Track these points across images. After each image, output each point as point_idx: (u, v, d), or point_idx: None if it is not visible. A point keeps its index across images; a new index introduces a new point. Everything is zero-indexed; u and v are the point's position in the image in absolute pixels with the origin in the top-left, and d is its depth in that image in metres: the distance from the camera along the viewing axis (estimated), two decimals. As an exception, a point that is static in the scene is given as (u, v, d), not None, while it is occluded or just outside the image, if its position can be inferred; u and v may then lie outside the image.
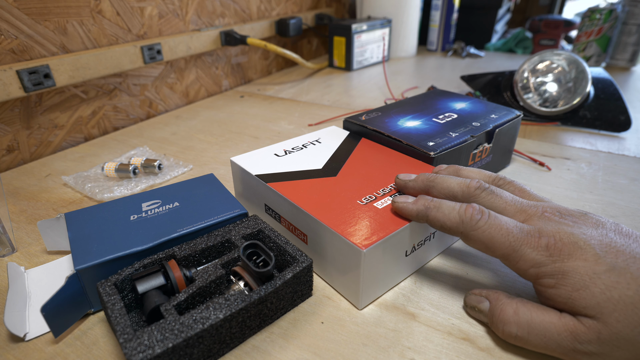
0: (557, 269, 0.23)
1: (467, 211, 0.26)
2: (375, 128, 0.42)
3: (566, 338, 0.22)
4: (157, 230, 0.30)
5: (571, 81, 0.59)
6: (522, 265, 0.24)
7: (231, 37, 0.77)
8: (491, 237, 0.25)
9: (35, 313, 0.29)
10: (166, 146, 0.57)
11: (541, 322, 0.23)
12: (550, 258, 0.23)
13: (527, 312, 0.24)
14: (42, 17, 0.52)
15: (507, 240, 0.24)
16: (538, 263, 0.23)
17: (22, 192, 0.45)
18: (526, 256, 0.24)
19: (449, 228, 0.26)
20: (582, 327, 0.22)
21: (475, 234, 0.25)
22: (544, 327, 0.23)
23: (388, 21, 0.98)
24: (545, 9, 2.25)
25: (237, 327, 0.25)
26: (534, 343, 0.24)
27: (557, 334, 0.22)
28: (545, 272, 0.23)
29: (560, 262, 0.23)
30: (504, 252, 0.24)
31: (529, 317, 0.24)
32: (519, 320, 0.24)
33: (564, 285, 0.22)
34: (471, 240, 0.26)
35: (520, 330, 0.24)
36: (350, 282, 0.28)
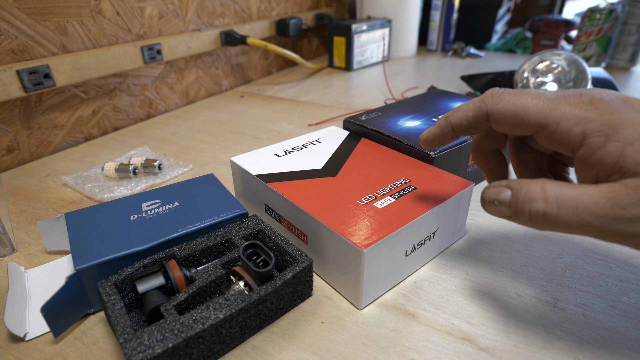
0: (606, 122, 0.19)
1: (486, 93, 0.24)
2: (375, 128, 0.42)
3: (604, 205, 0.19)
4: (157, 230, 0.30)
5: (571, 81, 0.59)
6: (564, 125, 0.20)
7: (231, 37, 0.77)
8: (521, 104, 0.22)
9: (35, 313, 0.29)
10: (166, 146, 0.57)
11: (572, 193, 0.20)
12: (597, 111, 0.20)
13: (555, 187, 0.21)
14: (42, 17, 0.52)
15: (541, 102, 0.21)
16: (584, 118, 0.20)
17: (22, 192, 0.45)
18: (568, 113, 0.20)
19: (472, 117, 0.24)
20: (625, 188, 0.19)
21: (502, 105, 0.22)
22: (577, 198, 0.20)
23: (388, 21, 0.98)
24: (545, 9, 2.25)
25: (237, 327, 0.25)
26: (565, 219, 0.20)
27: (593, 203, 0.19)
28: (592, 128, 0.20)
29: (610, 115, 0.20)
30: (540, 116, 0.21)
31: (557, 191, 0.21)
32: (546, 196, 0.21)
33: (615, 141, 0.19)
34: (499, 116, 0.23)
35: (549, 205, 0.20)
36: (350, 282, 0.28)
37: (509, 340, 0.26)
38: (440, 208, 0.31)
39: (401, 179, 0.34)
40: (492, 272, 0.32)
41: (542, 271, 0.32)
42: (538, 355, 0.25)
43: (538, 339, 0.26)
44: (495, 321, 0.27)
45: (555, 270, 0.32)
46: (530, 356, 0.25)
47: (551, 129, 0.21)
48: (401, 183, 0.33)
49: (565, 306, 0.28)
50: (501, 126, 0.23)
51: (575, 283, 0.30)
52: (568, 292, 0.30)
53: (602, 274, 0.31)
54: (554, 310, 0.28)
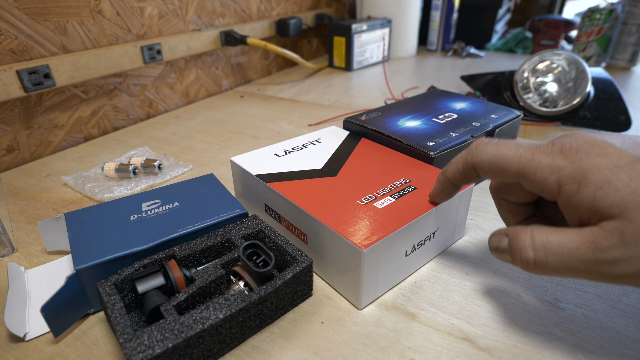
0: (576, 170, 0.21)
1: (470, 145, 0.26)
2: (375, 128, 0.42)
3: (586, 250, 0.20)
4: (157, 230, 0.30)
5: (571, 81, 0.59)
6: (541, 174, 0.22)
7: (231, 37, 0.77)
8: (501, 155, 0.23)
9: (35, 313, 0.29)
10: (166, 146, 0.57)
11: (557, 240, 0.21)
12: (568, 159, 0.21)
13: (542, 234, 0.22)
14: (42, 17, 0.52)
15: (519, 153, 0.23)
16: (557, 167, 0.21)
17: (22, 192, 0.45)
18: (542, 163, 0.22)
19: (462, 170, 0.26)
20: (603, 232, 0.20)
21: (484, 157, 0.24)
22: (561, 245, 0.21)
23: (388, 21, 0.98)
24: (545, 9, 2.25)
25: (237, 327, 0.25)
26: (553, 265, 0.21)
27: (576, 249, 0.20)
28: (566, 177, 0.21)
29: (579, 162, 0.21)
30: (518, 166, 0.23)
31: (544, 238, 0.22)
32: (534, 244, 0.22)
33: (587, 187, 0.20)
34: (483, 167, 0.24)
35: (537, 253, 0.22)
36: (350, 282, 0.28)
37: (509, 340, 0.26)
38: (440, 208, 0.31)
39: (401, 179, 0.34)
40: (492, 272, 0.32)
41: (542, 271, 0.32)
42: (538, 355, 0.25)
43: (538, 339, 0.26)
44: (495, 321, 0.27)
45: (555, 270, 0.32)
46: (530, 356, 0.25)
47: (530, 178, 0.22)
48: (401, 183, 0.33)
49: (565, 306, 0.28)
50: (487, 175, 0.25)
51: (575, 283, 0.30)
52: (568, 292, 0.30)
53: (602, 274, 0.31)
54: (554, 310, 0.28)
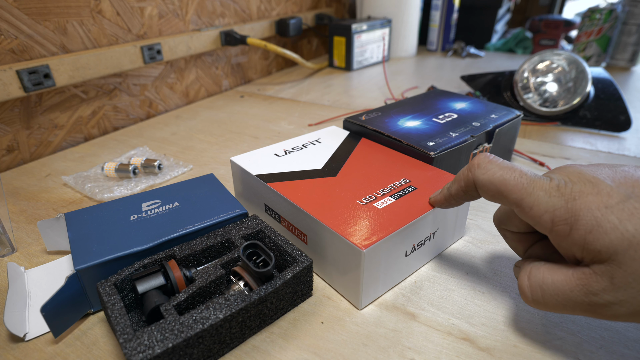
0: (569, 211, 0.20)
1: (473, 161, 0.25)
2: (375, 128, 0.42)
3: (579, 293, 0.20)
4: (157, 230, 0.30)
5: (571, 81, 0.59)
6: (536, 211, 0.22)
7: (231, 37, 0.77)
8: (503, 179, 0.23)
9: (35, 313, 0.29)
10: (166, 146, 0.57)
11: (552, 282, 0.21)
12: (562, 199, 0.21)
13: (538, 274, 0.22)
14: (42, 17, 0.52)
15: (520, 182, 0.23)
16: (552, 207, 0.21)
17: (22, 192, 0.45)
18: (540, 200, 0.22)
19: (464, 186, 0.26)
20: (594, 275, 0.20)
21: (486, 177, 0.24)
22: (556, 287, 0.21)
23: (388, 21, 0.98)
24: (545, 9, 2.25)
25: (237, 327, 0.25)
26: (551, 304, 0.22)
27: (570, 291, 0.21)
28: (559, 217, 0.21)
29: (572, 202, 0.21)
30: (517, 196, 0.22)
31: (540, 279, 0.22)
32: (531, 284, 0.22)
33: (578, 230, 0.20)
34: (484, 186, 0.24)
35: (534, 294, 0.22)
36: (350, 282, 0.28)
37: (509, 340, 0.26)
38: (440, 208, 0.31)
39: (401, 179, 0.34)
40: (492, 272, 0.32)
41: (542, 271, 0.32)
42: (538, 355, 0.25)
43: (538, 339, 0.26)
44: (495, 321, 0.27)
45: (555, 270, 0.32)
46: (530, 356, 0.25)
47: (526, 210, 0.22)
48: (401, 183, 0.33)
49: (565, 306, 0.28)
50: (485, 196, 0.25)
51: (575, 283, 0.30)
52: (568, 292, 0.30)
53: (602, 274, 0.31)
54: (554, 310, 0.28)
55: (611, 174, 0.21)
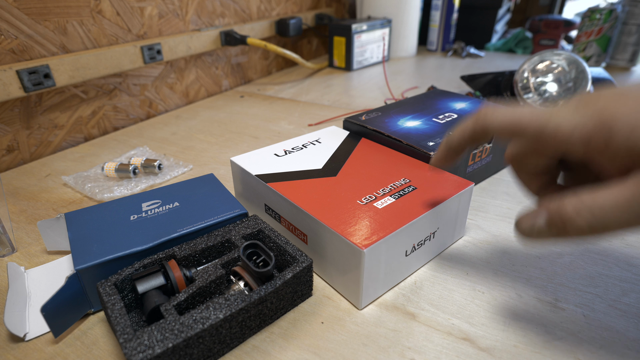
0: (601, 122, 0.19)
1: (479, 112, 0.24)
2: (375, 128, 0.42)
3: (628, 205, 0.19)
4: (157, 230, 0.30)
5: (571, 81, 0.59)
6: (564, 132, 0.20)
7: (231, 37, 0.77)
8: (515, 116, 0.22)
9: (35, 313, 0.29)
10: (166, 146, 0.57)
11: (606, 198, 0.20)
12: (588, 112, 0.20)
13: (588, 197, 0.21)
14: (42, 17, 0.52)
15: (534, 114, 0.22)
16: (580, 123, 0.20)
17: (22, 192, 0.45)
18: (563, 120, 0.20)
19: (469, 136, 0.25)
20: None
21: (496, 121, 0.23)
22: (612, 200, 0.20)
23: (388, 21, 0.98)
24: (545, 9, 2.25)
25: (237, 327, 0.25)
26: (609, 222, 0.20)
27: (631, 198, 0.19)
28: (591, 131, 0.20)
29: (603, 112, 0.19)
30: (537, 125, 0.21)
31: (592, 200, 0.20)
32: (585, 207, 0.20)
33: (616, 136, 0.19)
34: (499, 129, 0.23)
35: (592, 215, 0.20)
36: (350, 282, 0.28)
37: (509, 340, 0.26)
38: (440, 208, 0.31)
39: (401, 179, 0.34)
40: (492, 272, 0.32)
41: (542, 271, 0.32)
42: (538, 355, 0.25)
43: (538, 339, 0.26)
44: (495, 321, 0.27)
45: (555, 270, 0.32)
46: (530, 356, 0.25)
47: (550, 137, 0.21)
48: (401, 183, 0.33)
49: (565, 306, 0.28)
50: (502, 136, 0.24)
51: (575, 283, 0.30)
52: (568, 292, 0.30)
53: (602, 274, 0.31)
54: (554, 310, 0.28)
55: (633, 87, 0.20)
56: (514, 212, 0.40)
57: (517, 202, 0.41)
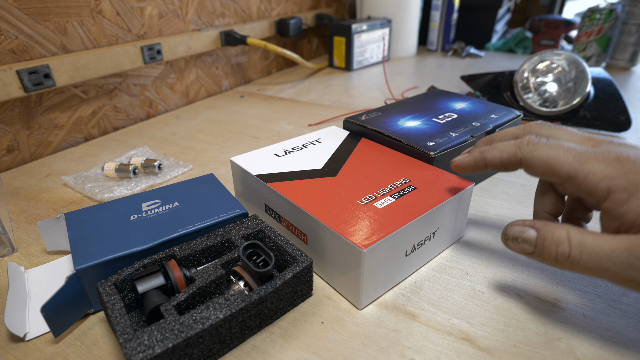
0: (631, 181, 0.22)
1: (523, 139, 0.26)
2: (375, 128, 0.42)
3: (621, 254, 0.21)
4: (157, 230, 0.30)
5: (571, 81, 0.59)
6: (592, 179, 0.22)
7: (231, 37, 0.77)
8: (553, 156, 0.24)
9: (35, 313, 0.29)
10: (166, 146, 0.57)
11: (593, 241, 0.22)
12: (622, 169, 0.22)
13: (578, 233, 0.23)
14: (42, 17, 0.52)
15: (572, 155, 0.23)
16: (609, 175, 0.22)
17: (22, 192, 0.45)
18: (595, 169, 0.22)
19: (507, 160, 0.26)
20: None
21: (535, 155, 0.25)
22: (597, 245, 0.22)
23: (388, 21, 0.98)
24: (545, 9, 2.25)
25: (237, 327, 0.25)
26: (585, 263, 0.22)
27: (612, 251, 0.22)
28: (617, 185, 0.22)
29: (635, 174, 0.22)
30: (569, 168, 0.23)
31: (580, 237, 0.23)
32: (571, 240, 0.23)
33: (638, 199, 0.21)
34: (532, 165, 0.25)
35: (574, 249, 0.23)
36: (350, 282, 0.28)
37: (509, 340, 0.26)
38: (440, 208, 0.31)
39: (401, 179, 0.34)
40: (492, 272, 0.32)
41: (542, 271, 0.32)
42: (538, 355, 0.25)
43: (538, 339, 0.26)
44: (495, 321, 0.27)
45: (555, 270, 0.32)
46: (530, 356, 0.25)
47: (579, 181, 0.23)
48: (401, 183, 0.33)
49: (565, 306, 0.28)
50: (533, 173, 0.26)
51: (575, 283, 0.30)
52: (568, 292, 0.30)
53: (602, 274, 0.31)
54: (554, 310, 0.28)
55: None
56: (514, 212, 0.40)
57: (517, 202, 0.41)
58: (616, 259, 0.21)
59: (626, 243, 0.21)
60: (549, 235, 0.24)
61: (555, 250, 0.24)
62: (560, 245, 0.23)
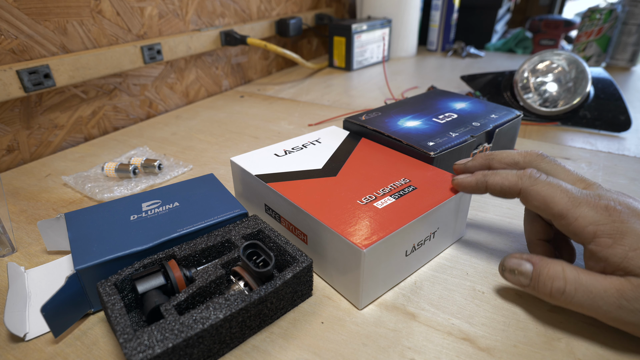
0: (616, 229, 0.23)
1: (525, 171, 0.27)
2: (375, 128, 0.42)
3: (612, 295, 0.23)
4: (157, 230, 0.30)
5: (571, 81, 0.59)
6: (581, 222, 0.24)
7: (231, 37, 0.77)
8: (550, 194, 0.25)
9: (35, 313, 0.29)
10: (166, 146, 0.57)
11: (587, 279, 0.24)
12: (609, 218, 0.24)
13: (573, 270, 0.25)
14: (42, 17, 0.52)
15: (566, 197, 0.25)
16: (597, 221, 0.24)
17: (22, 192, 0.45)
18: (585, 214, 0.24)
19: (507, 188, 0.28)
20: (630, 285, 0.23)
21: (534, 189, 0.26)
22: (591, 284, 0.24)
23: (388, 21, 0.98)
24: (545, 9, 2.25)
25: (237, 327, 0.25)
26: (579, 300, 0.24)
27: (604, 291, 0.23)
28: (603, 231, 0.24)
29: (620, 223, 0.23)
30: (562, 208, 0.25)
31: (575, 275, 0.24)
32: (566, 277, 0.25)
33: (621, 245, 0.23)
34: (530, 197, 0.26)
35: (569, 286, 0.24)
36: (350, 282, 0.28)
37: (509, 340, 0.26)
38: (440, 208, 0.31)
39: (401, 179, 0.34)
40: (492, 272, 0.32)
41: (542, 271, 0.32)
42: (538, 355, 0.25)
43: (538, 339, 0.26)
44: (495, 321, 0.27)
45: (555, 270, 0.32)
46: (530, 356, 0.25)
47: (569, 222, 0.25)
48: (401, 183, 0.33)
49: (565, 306, 0.28)
50: (528, 205, 0.27)
51: (575, 283, 0.30)
52: (568, 292, 0.30)
53: (602, 274, 0.31)
54: (554, 310, 0.28)
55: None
56: (514, 212, 0.40)
57: (517, 202, 0.41)
58: (608, 299, 0.23)
59: (617, 285, 0.23)
60: (544, 270, 0.26)
61: (551, 286, 0.25)
62: (556, 281, 0.25)
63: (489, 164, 0.31)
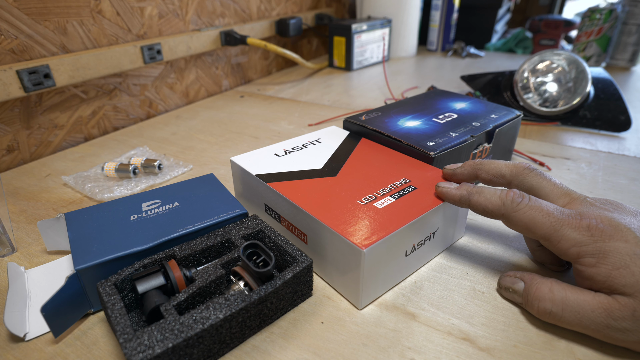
0: (598, 249, 0.24)
1: (508, 195, 0.27)
2: (375, 128, 0.42)
3: (600, 315, 0.23)
4: (157, 230, 0.30)
5: (571, 81, 0.59)
6: (564, 244, 0.25)
7: (231, 37, 0.77)
8: (532, 218, 0.26)
9: (35, 313, 0.29)
10: (166, 146, 0.57)
11: (575, 299, 0.24)
12: (591, 238, 0.24)
13: (561, 290, 0.25)
14: (42, 17, 0.52)
15: (548, 221, 0.25)
16: (579, 242, 0.24)
17: (22, 192, 0.45)
18: (567, 236, 0.24)
19: (490, 211, 0.28)
20: (617, 304, 0.23)
21: (516, 215, 0.26)
22: (578, 304, 0.24)
23: (388, 21, 0.98)
24: (545, 9, 2.25)
25: (237, 327, 0.25)
26: (567, 319, 0.24)
27: (591, 311, 0.23)
28: (586, 251, 0.24)
29: (602, 242, 0.24)
30: (545, 232, 0.25)
31: (563, 294, 0.25)
32: (553, 297, 0.25)
33: (604, 264, 0.23)
34: (512, 222, 0.27)
35: (555, 306, 0.25)
36: (350, 282, 0.28)
37: (509, 340, 0.26)
38: (440, 208, 0.31)
39: (401, 179, 0.34)
40: (492, 272, 0.32)
41: (542, 271, 0.32)
42: (538, 355, 0.25)
43: (538, 339, 0.26)
44: (495, 321, 0.27)
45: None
46: (530, 356, 0.25)
47: (553, 244, 0.25)
48: (401, 183, 0.33)
49: (565, 306, 0.28)
50: (513, 229, 0.27)
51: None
52: (568, 292, 0.30)
53: (602, 274, 0.31)
54: (554, 310, 0.28)
55: (638, 225, 0.24)
56: (514, 212, 0.40)
57: (517, 202, 0.41)
58: (596, 319, 0.23)
59: (605, 304, 0.23)
60: (532, 290, 0.26)
61: (537, 306, 0.26)
62: (542, 302, 0.25)
63: (476, 173, 0.31)
